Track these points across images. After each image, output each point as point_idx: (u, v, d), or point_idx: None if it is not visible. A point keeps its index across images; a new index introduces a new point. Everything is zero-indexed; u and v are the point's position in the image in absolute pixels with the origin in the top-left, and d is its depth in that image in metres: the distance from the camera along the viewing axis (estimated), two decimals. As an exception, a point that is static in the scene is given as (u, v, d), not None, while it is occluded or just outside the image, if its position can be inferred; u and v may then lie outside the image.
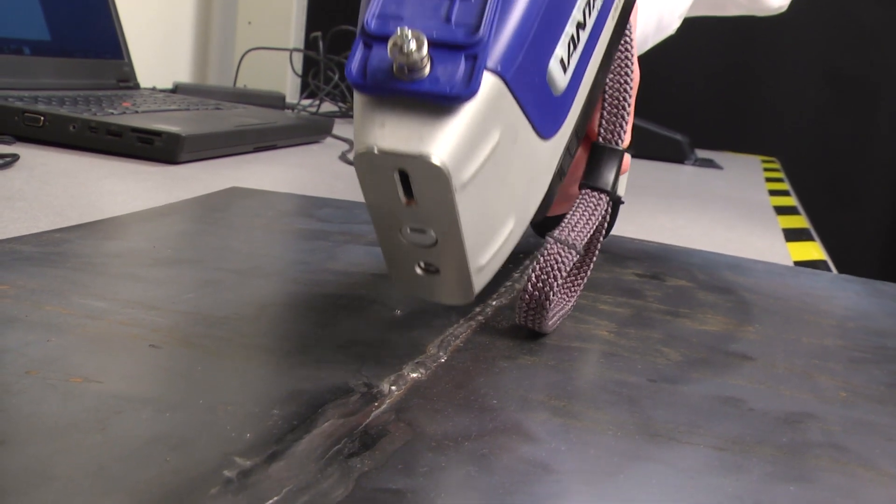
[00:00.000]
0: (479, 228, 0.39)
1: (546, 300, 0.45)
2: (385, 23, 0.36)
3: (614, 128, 0.50)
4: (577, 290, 0.52)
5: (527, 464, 0.33)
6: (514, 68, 0.37)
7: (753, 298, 0.61)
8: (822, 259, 0.85)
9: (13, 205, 0.66)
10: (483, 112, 0.36)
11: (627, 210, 0.97)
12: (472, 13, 0.36)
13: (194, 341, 0.41)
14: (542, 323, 0.46)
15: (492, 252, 0.40)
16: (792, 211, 1.19)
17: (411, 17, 0.36)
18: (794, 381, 0.45)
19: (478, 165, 0.37)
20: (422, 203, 0.36)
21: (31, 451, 0.29)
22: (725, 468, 0.34)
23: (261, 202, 0.75)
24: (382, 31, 0.36)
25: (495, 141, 0.37)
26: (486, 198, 0.38)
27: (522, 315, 0.46)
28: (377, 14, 0.36)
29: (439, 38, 0.35)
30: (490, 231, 0.40)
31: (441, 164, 0.35)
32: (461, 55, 0.35)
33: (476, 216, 0.38)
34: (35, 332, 0.40)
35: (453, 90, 0.35)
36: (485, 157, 0.37)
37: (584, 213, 0.48)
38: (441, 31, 0.36)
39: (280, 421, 0.34)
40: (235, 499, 0.28)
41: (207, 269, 0.53)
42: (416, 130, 0.35)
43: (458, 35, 0.35)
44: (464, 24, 0.36)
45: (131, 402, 0.34)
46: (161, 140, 0.92)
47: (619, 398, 0.40)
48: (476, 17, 0.36)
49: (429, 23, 0.36)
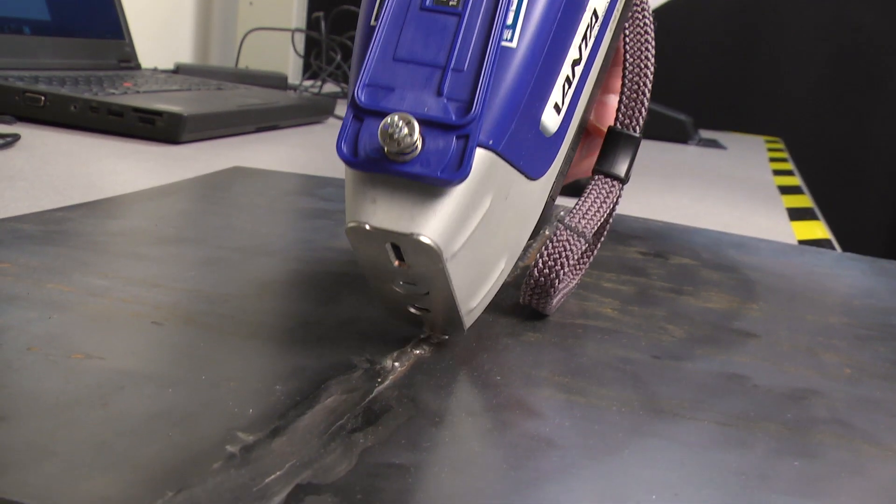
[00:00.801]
0: (470, 280, 0.39)
1: (552, 286, 0.44)
2: (376, 95, 0.35)
3: (633, 113, 0.49)
4: (581, 270, 0.52)
5: (531, 439, 0.33)
6: (506, 137, 0.37)
7: (757, 276, 0.61)
8: (826, 238, 0.85)
9: (14, 184, 0.65)
10: (474, 187, 0.36)
11: (631, 190, 0.97)
12: (464, 86, 0.35)
13: (197, 318, 0.41)
14: (547, 305, 0.46)
15: (483, 293, 0.41)
16: (796, 190, 1.18)
17: (402, 88, 0.35)
18: (798, 358, 0.45)
19: (468, 234, 0.37)
20: (413, 267, 0.36)
21: (33, 427, 0.29)
22: (730, 444, 0.34)
23: (263, 182, 0.75)
24: (373, 106, 0.35)
25: (487, 206, 0.37)
26: (477, 254, 0.38)
27: (527, 297, 0.46)
28: (367, 83, 0.35)
29: (431, 116, 0.34)
30: (482, 278, 0.40)
31: (432, 243, 0.35)
32: (453, 135, 0.34)
33: (467, 272, 0.38)
34: (36, 309, 0.39)
35: (444, 174, 0.34)
36: (476, 224, 0.37)
37: (596, 201, 0.47)
38: (433, 107, 0.35)
39: (283, 397, 0.34)
40: (238, 473, 0.28)
41: (210, 247, 0.53)
42: (406, 209, 0.35)
43: (450, 114, 0.34)
44: (457, 99, 0.35)
45: (133, 378, 0.34)
46: (163, 120, 0.92)
47: (623, 375, 0.40)
48: (468, 92, 0.35)
49: (420, 95, 0.35)
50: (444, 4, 0.36)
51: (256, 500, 0.27)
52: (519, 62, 0.37)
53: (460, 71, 0.35)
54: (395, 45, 0.36)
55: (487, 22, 0.36)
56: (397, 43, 0.36)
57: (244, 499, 0.27)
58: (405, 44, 0.36)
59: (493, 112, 0.36)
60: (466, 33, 0.35)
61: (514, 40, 0.37)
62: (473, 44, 0.35)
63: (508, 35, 0.37)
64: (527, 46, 0.37)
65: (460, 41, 0.35)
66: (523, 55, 0.37)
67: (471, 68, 0.35)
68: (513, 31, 0.37)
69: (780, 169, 1.42)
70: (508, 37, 0.37)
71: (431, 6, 0.36)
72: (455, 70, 0.35)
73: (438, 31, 0.36)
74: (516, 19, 0.37)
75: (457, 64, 0.35)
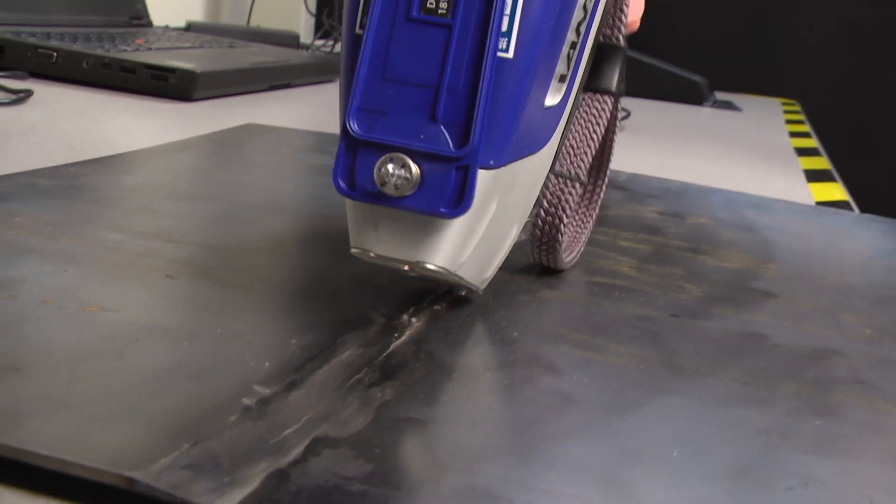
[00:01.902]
0: (480, 264, 0.38)
1: (555, 239, 0.44)
2: (368, 121, 0.34)
3: (614, 23, 0.46)
4: (591, 212, 0.50)
5: (550, 395, 0.32)
6: (508, 149, 0.35)
7: (775, 237, 0.61)
8: (844, 200, 0.84)
9: (28, 139, 0.65)
10: (478, 206, 0.35)
11: (645, 151, 0.96)
12: (460, 108, 0.33)
13: (211, 273, 0.40)
14: (557, 259, 0.45)
15: (496, 263, 0.40)
16: (813, 152, 1.17)
17: (395, 112, 0.33)
18: (818, 318, 0.45)
19: (475, 242, 0.36)
20: (422, 273, 0.36)
21: (48, 379, 0.29)
22: (751, 402, 0.34)
23: (276, 138, 0.74)
24: (366, 136, 0.33)
25: (493, 211, 0.36)
26: (486, 246, 0.37)
27: (536, 253, 0.45)
28: (358, 107, 0.34)
29: (428, 148, 0.33)
30: (494, 254, 0.40)
31: (438, 268, 0.35)
32: (452, 167, 0.33)
33: (477, 261, 0.38)
34: (51, 262, 0.39)
35: (445, 209, 0.33)
36: (483, 230, 0.36)
37: (586, 130, 0.45)
38: (429, 135, 0.33)
39: (299, 351, 0.33)
40: (255, 426, 0.28)
41: (223, 203, 0.52)
42: (410, 236, 0.35)
43: (447, 144, 0.33)
44: (453, 123, 0.33)
45: (148, 331, 0.33)
46: (175, 77, 0.91)
47: (641, 332, 0.40)
48: (464, 115, 0.33)
49: (414, 121, 0.33)
50: (433, 13, 0.33)
51: (273, 453, 0.26)
52: (517, 73, 0.34)
53: (455, 92, 0.33)
54: (383, 61, 0.34)
55: (480, 32, 0.33)
56: (386, 59, 0.34)
57: (261, 451, 0.26)
58: (394, 61, 0.34)
59: (493, 131, 0.34)
60: (458, 48, 0.33)
61: (511, 50, 0.34)
62: (467, 59, 0.33)
63: (503, 44, 0.34)
64: (524, 55, 0.34)
65: (452, 58, 0.33)
66: (521, 64, 0.34)
67: (466, 88, 0.33)
68: (508, 38, 0.34)
69: (797, 131, 1.41)
70: (504, 46, 0.34)
71: (419, 16, 0.33)
72: (449, 91, 0.33)
73: (429, 46, 0.33)
74: (511, 25, 0.34)
75: (451, 84, 0.33)
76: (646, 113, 1.31)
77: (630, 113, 1.16)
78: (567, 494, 0.26)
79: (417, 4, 0.33)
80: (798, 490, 0.28)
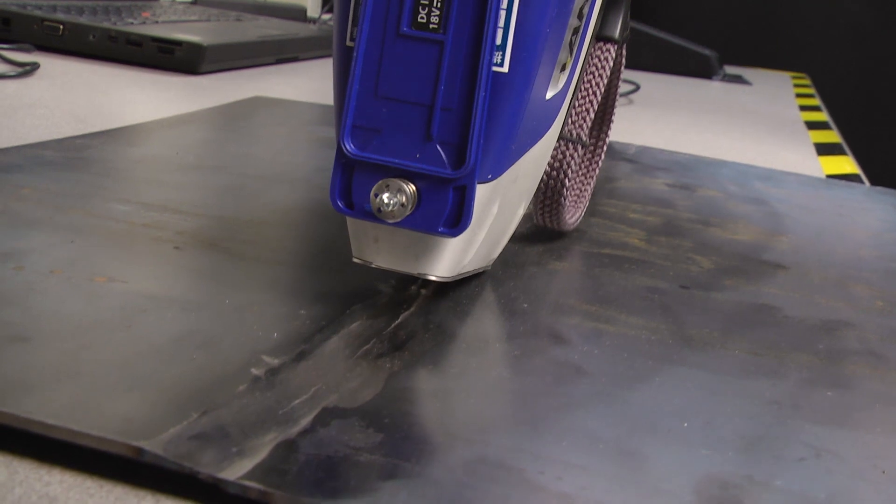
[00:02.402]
0: (487, 249, 0.38)
1: (558, 203, 0.43)
2: (362, 139, 0.33)
3: None
4: (592, 171, 0.49)
5: (560, 366, 0.32)
6: (506, 160, 0.34)
7: (785, 209, 0.60)
8: (854, 173, 0.84)
9: (35, 111, 0.65)
10: (479, 214, 0.34)
11: (654, 124, 0.96)
12: (456, 127, 0.32)
13: (219, 244, 0.40)
14: (561, 221, 0.45)
15: (504, 242, 0.40)
16: (823, 126, 1.17)
17: (390, 131, 0.32)
18: (828, 290, 0.44)
19: (479, 243, 0.36)
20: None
21: (57, 348, 0.29)
22: (762, 373, 0.34)
23: (283, 111, 0.74)
24: (361, 156, 0.32)
25: (495, 211, 0.36)
26: (492, 232, 0.37)
27: (539, 216, 0.45)
28: (352, 125, 0.33)
29: (425, 168, 0.32)
30: (501, 238, 0.39)
31: (440, 279, 0.35)
32: (449, 187, 0.32)
33: (484, 249, 0.37)
34: (58, 233, 0.39)
35: (444, 229, 0.33)
36: (487, 229, 0.36)
37: (588, 86, 0.43)
38: (425, 155, 0.32)
39: (308, 321, 0.33)
40: (264, 396, 0.28)
41: (231, 175, 0.52)
42: (410, 249, 0.34)
43: (444, 165, 0.32)
44: (448, 143, 0.32)
45: (156, 302, 0.33)
46: (182, 50, 0.91)
47: (651, 304, 0.39)
48: (460, 134, 0.32)
49: (410, 139, 0.32)
50: (424, 28, 0.32)
51: (282, 423, 0.26)
52: (513, 88, 0.33)
53: (450, 110, 0.32)
54: (375, 78, 0.32)
55: (473, 48, 0.32)
56: (378, 76, 0.32)
57: (269, 421, 0.26)
58: (387, 78, 0.32)
59: (490, 147, 0.33)
60: (451, 64, 0.32)
61: (506, 64, 0.33)
62: (460, 77, 0.32)
63: (498, 58, 0.33)
64: (520, 69, 0.33)
65: (445, 75, 0.32)
66: (517, 79, 0.33)
67: (461, 106, 0.32)
68: (503, 52, 0.33)
69: (807, 104, 1.40)
70: (499, 60, 0.33)
71: (410, 31, 0.32)
72: (444, 109, 0.32)
73: (421, 63, 0.32)
74: (505, 38, 0.33)
75: (445, 102, 0.32)
76: (655, 86, 1.30)
77: (639, 86, 1.16)
78: (577, 465, 0.26)
79: (408, 19, 0.32)
80: (810, 461, 0.28)
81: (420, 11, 0.32)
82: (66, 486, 0.24)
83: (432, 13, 0.32)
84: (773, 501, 0.25)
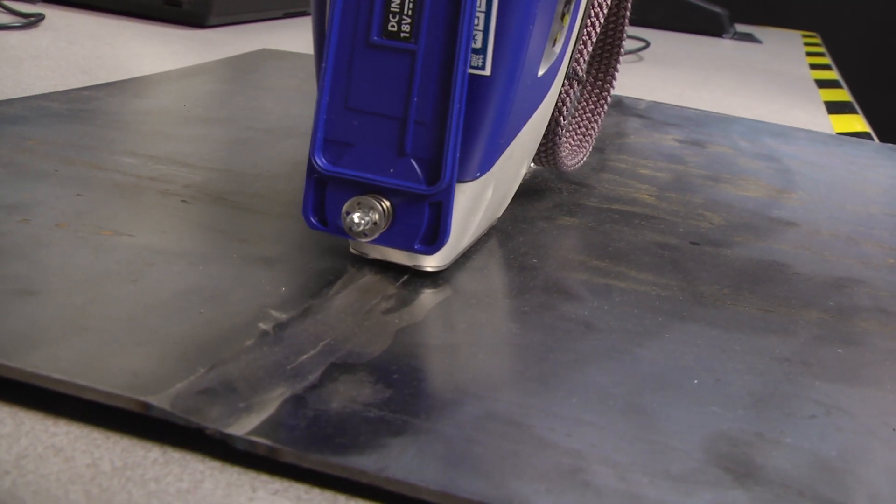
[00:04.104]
0: (492, 212, 0.38)
1: (554, 142, 0.42)
2: (334, 154, 0.32)
3: None
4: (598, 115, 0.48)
5: (569, 321, 0.32)
6: (495, 153, 0.33)
7: (796, 166, 0.60)
8: (865, 131, 0.83)
9: (40, 63, 0.64)
10: (470, 206, 0.34)
11: (665, 82, 0.95)
12: (429, 142, 0.31)
13: (227, 197, 0.40)
14: (557, 160, 0.44)
15: (508, 202, 0.40)
16: (834, 84, 1.16)
17: (362, 144, 0.31)
18: (839, 247, 0.44)
19: (476, 224, 0.35)
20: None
21: (64, 302, 0.29)
22: (772, 330, 0.34)
23: (292, 64, 0.73)
24: (333, 171, 0.32)
25: (490, 193, 0.35)
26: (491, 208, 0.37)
27: (535, 156, 0.43)
28: (324, 139, 0.32)
29: (399, 184, 0.31)
30: (504, 200, 0.39)
31: (435, 269, 0.34)
32: (425, 204, 0.31)
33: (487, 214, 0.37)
34: (64, 186, 0.39)
35: (420, 247, 0.32)
36: (482, 212, 0.35)
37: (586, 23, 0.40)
38: (399, 170, 0.31)
39: (316, 276, 0.33)
40: (271, 351, 0.27)
41: (239, 128, 0.52)
42: None
43: (419, 181, 0.31)
44: (423, 158, 0.31)
45: (163, 255, 0.33)
46: (189, 2, 0.90)
47: (661, 260, 0.39)
48: (434, 149, 0.31)
49: (382, 154, 0.31)
50: (395, 37, 0.31)
51: (290, 378, 0.26)
52: (497, 90, 0.32)
53: (423, 124, 0.31)
54: (345, 89, 0.31)
55: (447, 57, 0.30)
56: (348, 88, 0.31)
57: (278, 376, 0.26)
58: (357, 90, 0.31)
59: (476, 149, 0.32)
60: (424, 76, 0.31)
61: (487, 66, 0.31)
62: (434, 88, 0.31)
63: (479, 61, 0.31)
64: (504, 70, 0.31)
65: (418, 87, 0.31)
66: (501, 80, 0.32)
67: (434, 120, 0.31)
68: (483, 55, 0.31)
69: (817, 63, 1.38)
70: (479, 63, 0.31)
71: (380, 41, 0.31)
72: (417, 123, 0.31)
73: (392, 75, 0.31)
74: (486, 41, 0.31)
75: (418, 116, 0.31)
76: (665, 44, 1.29)
77: (649, 44, 1.15)
78: (587, 421, 0.26)
79: (378, 27, 0.31)
80: (821, 418, 0.28)
81: (391, 19, 0.30)
82: (73, 438, 0.23)
83: (403, 21, 0.30)
84: (784, 459, 0.25)
